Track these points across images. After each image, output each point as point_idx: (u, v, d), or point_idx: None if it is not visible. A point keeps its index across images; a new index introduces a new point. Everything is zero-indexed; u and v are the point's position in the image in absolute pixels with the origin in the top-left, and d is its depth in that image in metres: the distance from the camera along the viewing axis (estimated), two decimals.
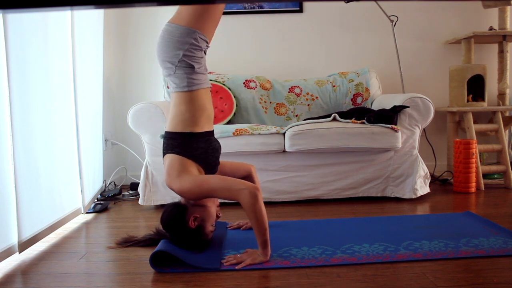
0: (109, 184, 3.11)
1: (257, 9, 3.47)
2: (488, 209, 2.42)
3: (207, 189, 1.67)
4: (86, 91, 2.57)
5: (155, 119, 2.58)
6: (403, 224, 2.14)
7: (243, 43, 3.51)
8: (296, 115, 3.16)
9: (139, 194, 2.62)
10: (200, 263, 1.64)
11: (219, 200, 1.87)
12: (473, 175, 2.85)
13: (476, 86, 3.18)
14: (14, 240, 1.75)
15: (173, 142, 1.78)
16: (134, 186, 3.06)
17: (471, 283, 1.44)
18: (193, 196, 1.71)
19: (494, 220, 2.12)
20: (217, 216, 1.84)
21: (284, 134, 2.63)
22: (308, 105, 3.17)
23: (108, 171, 3.18)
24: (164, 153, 1.82)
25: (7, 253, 1.70)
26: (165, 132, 1.83)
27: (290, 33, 3.51)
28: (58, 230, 2.17)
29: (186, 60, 1.75)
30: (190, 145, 1.77)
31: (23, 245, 1.79)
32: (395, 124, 2.68)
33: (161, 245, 1.71)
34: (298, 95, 3.18)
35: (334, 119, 2.70)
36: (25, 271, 1.66)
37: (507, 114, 3.36)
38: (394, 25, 3.16)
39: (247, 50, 3.51)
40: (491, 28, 3.32)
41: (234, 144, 2.57)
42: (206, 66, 1.86)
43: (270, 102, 3.17)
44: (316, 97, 3.18)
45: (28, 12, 1.07)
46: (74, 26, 2.37)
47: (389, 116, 2.65)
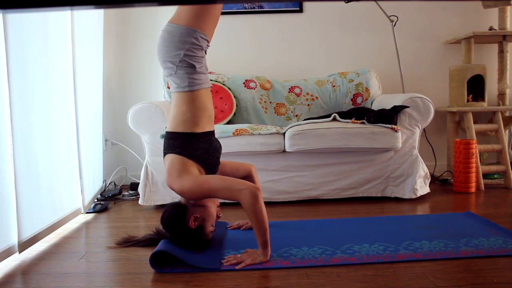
0: (109, 184, 3.11)
1: (257, 9, 3.47)
2: (488, 209, 2.42)
3: (207, 189, 1.67)
4: (86, 91, 2.57)
5: (155, 119, 2.59)
6: (403, 224, 2.14)
7: (243, 43, 3.51)
8: (296, 115, 3.16)
9: (139, 194, 2.62)
10: (200, 263, 1.64)
11: (219, 200, 1.87)
12: (473, 175, 2.85)
13: (476, 86, 3.18)
14: (14, 240, 1.75)
15: (174, 142, 1.78)
16: (134, 186, 3.06)
17: (471, 283, 1.44)
18: (194, 196, 1.71)
19: (494, 220, 2.12)
20: (217, 216, 1.84)
21: (284, 134, 2.63)
22: (308, 105, 3.17)
23: (108, 171, 3.18)
24: (164, 153, 1.82)
25: (7, 253, 1.70)
26: (166, 132, 1.83)
27: (290, 33, 3.51)
28: (58, 230, 2.17)
29: (187, 60, 1.75)
30: (191, 145, 1.77)
31: (23, 245, 1.79)
32: (395, 124, 2.68)
33: (161, 245, 1.71)
34: (298, 95, 3.18)
35: (334, 119, 2.70)
36: (25, 271, 1.66)
37: (507, 114, 3.36)
38: (394, 25, 3.16)
39: (247, 50, 3.51)
40: (491, 28, 3.32)
41: (234, 144, 2.57)
42: (206, 66, 1.86)
43: (270, 102, 3.17)
44: (316, 97, 3.18)
45: (28, 12, 1.06)
46: (74, 26, 2.37)
47: (389, 116, 2.65)
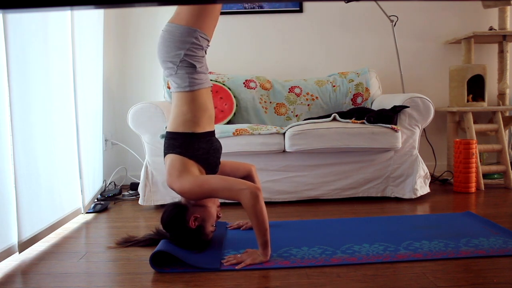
0: (109, 184, 3.11)
1: (257, 9, 3.47)
2: (488, 209, 2.42)
3: (208, 189, 1.67)
4: (86, 91, 2.57)
5: (155, 119, 2.59)
6: (403, 224, 2.14)
7: (243, 43, 3.51)
8: (296, 115, 3.16)
9: (139, 194, 2.62)
10: (200, 263, 1.64)
11: (219, 200, 1.87)
12: (473, 175, 2.85)
13: (476, 86, 3.18)
14: (14, 240, 1.75)
15: (175, 142, 1.78)
16: (134, 186, 3.06)
17: (471, 283, 1.44)
18: (194, 196, 1.71)
19: (494, 220, 2.12)
20: (218, 217, 1.84)
21: (284, 134, 2.63)
22: (308, 105, 3.17)
23: (108, 171, 3.18)
24: (165, 153, 1.82)
25: (7, 253, 1.70)
26: (167, 132, 1.83)
27: (290, 33, 3.51)
28: (58, 230, 2.17)
29: (188, 60, 1.75)
30: (191, 145, 1.77)
31: (23, 245, 1.79)
32: (395, 124, 2.68)
33: (161, 245, 1.71)
34: (298, 95, 3.18)
35: (334, 119, 2.70)
36: (25, 271, 1.66)
37: (507, 114, 3.36)
38: (394, 25, 3.16)
39: (247, 50, 3.51)
40: (491, 28, 3.32)
41: (234, 144, 2.57)
42: (207, 66, 1.86)
43: (270, 102, 3.17)
44: (316, 97, 3.18)
45: (28, 12, 1.06)
46: (74, 26, 2.37)
47: (389, 116, 2.65)
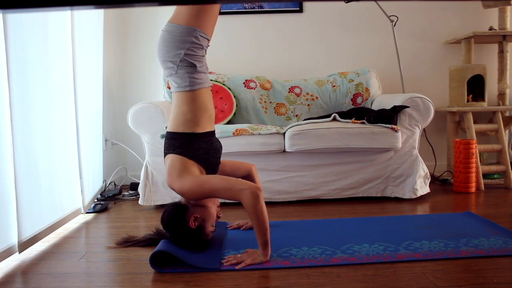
0: (109, 184, 3.11)
1: (257, 9, 3.47)
2: (488, 209, 2.42)
3: (208, 189, 1.67)
4: (86, 91, 2.56)
5: (155, 119, 2.59)
6: (403, 224, 2.14)
7: (243, 43, 3.50)
8: (296, 115, 3.16)
9: (139, 194, 2.62)
10: (200, 263, 1.64)
11: (219, 200, 1.87)
12: (473, 175, 2.85)
13: (476, 86, 3.18)
14: (14, 240, 1.75)
15: (175, 142, 1.78)
16: (134, 186, 3.06)
17: (471, 283, 1.44)
18: (194, 196, 1.71)
19: (494, 220, 2.12)
20: (218, 217, 1.84)
21: (284, 134, 2.63)
22: (308, 105, 3.17)
23: (108, 171, 3.18)
24: (165, 153, 1.82)
25: (7, 253, 1.70)
26: (167, 132, 1.83)
27: (290, 33, 3.51)
28: (58, 230, 2.17)
29: (188, 59, 1.75)
30: (191, 145, 1.77)
31: (23, 245, 1.79)
32: (395, 124, 2.68)
33: (161, 245, 1.71)
34: (298, 95, 3.18)
35: (334, 119, 2.70)
36: (25, 271, 1.66)
37: (507, 114, 3.36)
38: (394, 25, 3.16)
39: (247, 50, 3.51)
40: (491, 28, 3.32)
41: (234, 144, 2.57)
42: (207, 65, 1.86)
43: (270, 102, 3.17)
44: (316, 97, 3.18)
45: (28, 12, 1.06)
46: (74, 26, 2.37)
47: (389, 116, 2.65)
